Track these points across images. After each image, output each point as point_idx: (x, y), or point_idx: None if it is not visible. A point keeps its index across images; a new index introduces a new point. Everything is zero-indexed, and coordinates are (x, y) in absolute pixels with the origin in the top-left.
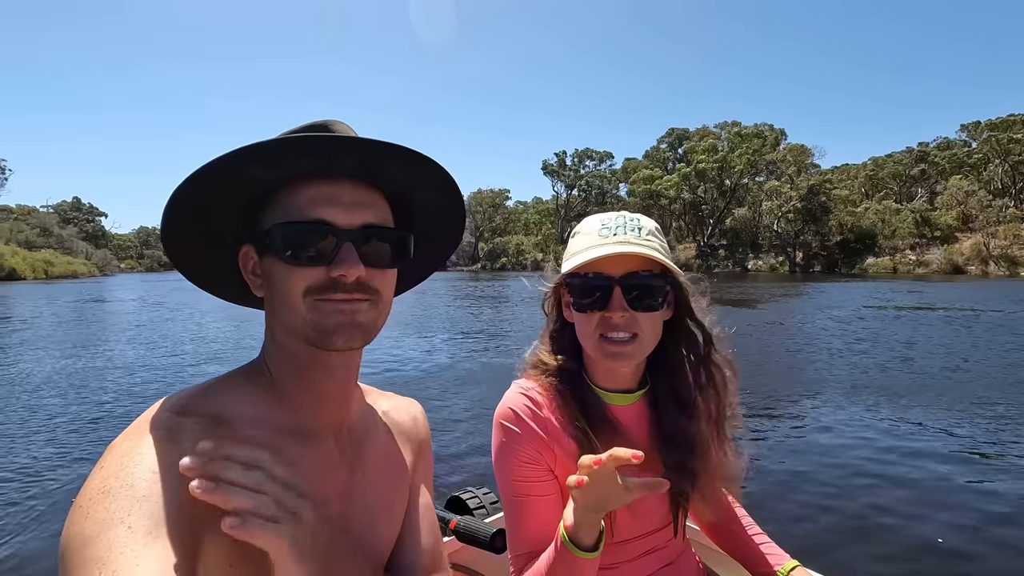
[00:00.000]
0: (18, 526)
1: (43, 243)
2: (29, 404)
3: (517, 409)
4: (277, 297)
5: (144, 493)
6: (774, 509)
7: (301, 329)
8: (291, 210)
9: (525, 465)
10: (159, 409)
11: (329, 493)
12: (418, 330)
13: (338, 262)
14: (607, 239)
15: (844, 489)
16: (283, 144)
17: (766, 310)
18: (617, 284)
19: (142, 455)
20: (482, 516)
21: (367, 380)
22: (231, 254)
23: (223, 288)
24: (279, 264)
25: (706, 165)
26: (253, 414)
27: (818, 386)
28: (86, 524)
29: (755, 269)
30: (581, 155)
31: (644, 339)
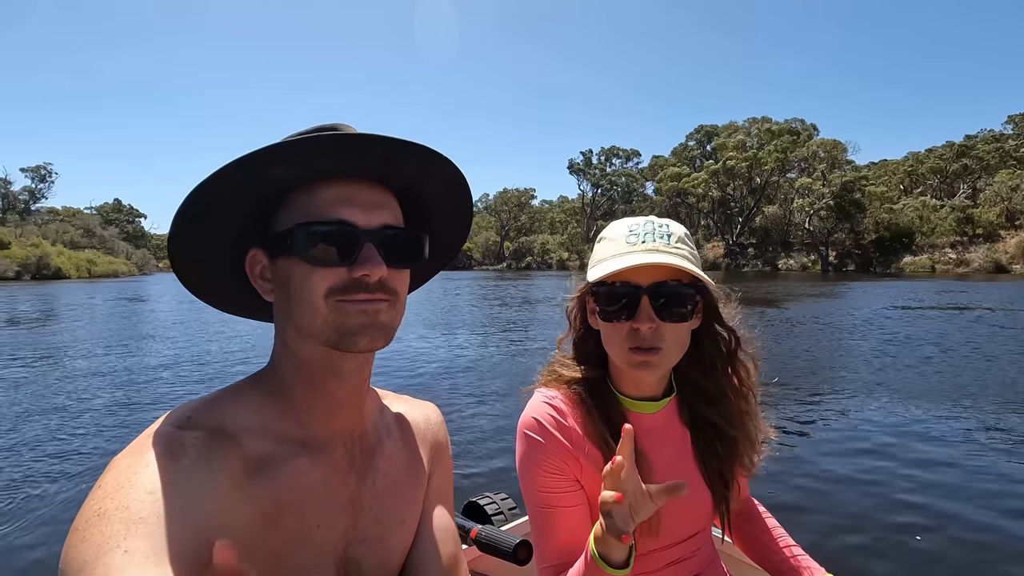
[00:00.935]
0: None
1: (86, 243)
2: (74, 395)
3: (541, 419)
4: (296, 299)
5: (141, 515)
6: (806, 517)
7: (322, 331)
8: (310, 211)
9: (551, 475)
10: (162, 423)
11: (338, 504)
12: (434, 329)
13: (361, 262)
14: (635, 246)
15: (881, 496)
16: (309, 143)
17: (796, 309)
18: (645, 294)
19: (138, 475)
20: (500, 522)
21: (379, 381)
22: (234, 260)
23: (218, 295)
24: (299, 265)
25: (736, 162)
26: (259, 425)
27: (853, 387)
28: (82, 548)
29: (786, 268)
30: (608, 153)
31: (671, 349)
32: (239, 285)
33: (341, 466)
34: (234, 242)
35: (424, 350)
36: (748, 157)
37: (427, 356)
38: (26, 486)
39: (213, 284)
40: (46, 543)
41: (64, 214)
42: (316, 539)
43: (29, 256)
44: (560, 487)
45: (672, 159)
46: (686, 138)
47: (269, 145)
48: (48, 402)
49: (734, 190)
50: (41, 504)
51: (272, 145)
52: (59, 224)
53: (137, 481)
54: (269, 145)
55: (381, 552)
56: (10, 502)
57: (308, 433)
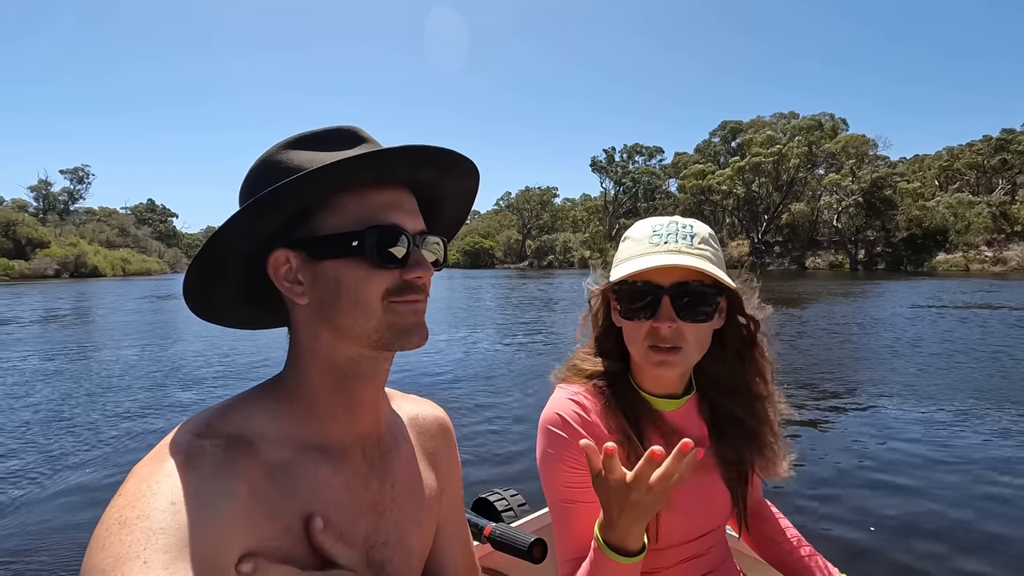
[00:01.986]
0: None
1: (121, 242)
2: (104, 388)
3: (565, 414)
4: (348, 301)
5: (161, 525)
6: (822, 518)
7: (375, 331)
8: (365, 215)
9: (573, 471)
10: (180, 431)
11: (359, 508)
12: (448, 327)
13: (413, 265)
14: (657, 247)
15: (900, 499)
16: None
17: (823, 309)
18: (666, 294)
19: (159, 483)
20: (510, 519)
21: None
22: (247, 267)
23: (226, 314)
24: (358, 267)
25: (761, 158)
26: (279, 432)
27: (882, 390)
28: (102, 556)
29: (813, 267)
30: (630, 151)
31: (691, 349)
32: (244, 298)
33: (361, 470)
34: (257, 249)
35: (438, 348)
36: (774, 153)
37: (441, 353)
38: (52, 482)
39: (223, 301)
40: (73, 547)
41: (100, 214)
42: (340, 546)
43: (68, 255)
44: (582, 482)
45: (696, 156)
46: (710, 134)
47: (330, 163)
48: (82, 393)
49: (759, 187)
50: (64, 504)
51: (337, 162)
52: (96, 224)
53: (158, 490)
54: (330, 163)
55: (403, 554)
56: (35, 498)
57: (328, 438)
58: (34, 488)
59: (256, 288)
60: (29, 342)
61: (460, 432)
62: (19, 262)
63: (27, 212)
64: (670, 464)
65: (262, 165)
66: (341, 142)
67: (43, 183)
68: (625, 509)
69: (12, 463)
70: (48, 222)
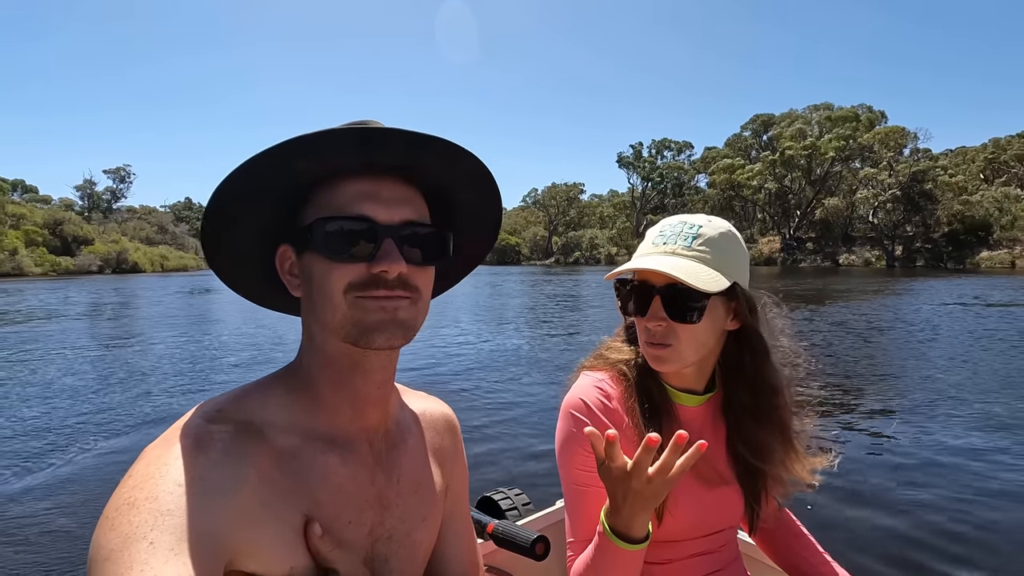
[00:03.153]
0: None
1: (160, 239)
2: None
3: (588, 400)
4: (316, 295)
5: (168, 507)
6: (839, 527)
7: (341, 326)
8: (333, 206)
9: (590, 455)
10: (192, 415)
11: (366, 500)
12: (466, 323)
13: (380, 258)
14: (657, 247)
15: (926, 516)
16: (327, 136)
17: (856, 308)
18: (657, 294)
19: (168, 466)
20: (514, 518)
21: (403, 375)
22: (266, 254)
23: (252, 289)
24: (320, 260)
25: (794, 152)
26: (287, 420)
27: (913, 393)
28: (110, 536)
29: (847, 263)
30: (659, 146)
31: (684, 348)
32: (270, 280)
33: (368, 462)
34: (265, 238)
35: (453, 343)
36: (808, 146)
37: (454, 350)
38: (73, 464)
39: (244, 279)
40: (84, 525)
41: (141, 212)
42: (347, 536)
43: (110, 252)
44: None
45: (726, 150)
46: (741, 128)
47: (289, 139)
48: (126, 374)
49: (792, 181)
50: (79, 482)
51: (292, 139)
52: (137, 222)
53: (167, 473)
54: (289, 139)
55: (409, 548)
56: (54, 478)
57: (335, 429)
58: (83, 454)
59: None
60: (78, 331)
61: (471, 429)
62: (65, 258)
63: (73, 211)
64: (668, 456)
65: None
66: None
67: (88, 183)
68: (628, 497)
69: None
70: (92, 220)
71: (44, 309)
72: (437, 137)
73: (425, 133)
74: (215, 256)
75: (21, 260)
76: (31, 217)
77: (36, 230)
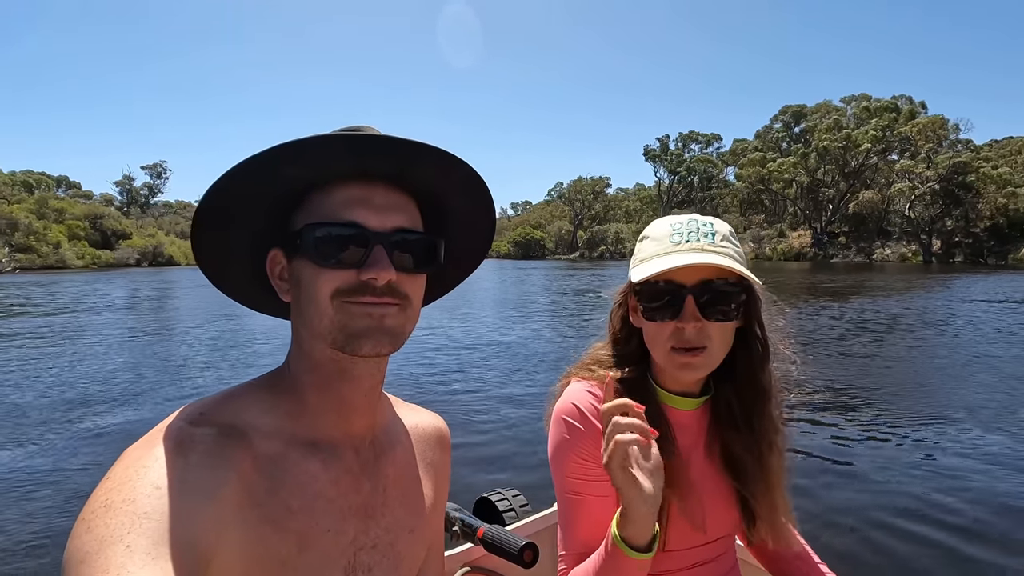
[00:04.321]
0: None
1: None
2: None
3: (581, 405)
4: (305, 300)
5: (146, 510)
6: (848, 540)
7: (328, 332)
8: (323, 212)
9: (584, 462)
10: (175, 417)
11: (349, 508)
12: (473, 320)
13: (369, 265)
14: (679, 245)
15: (934, 525)
16: (317, 142)
17: (889, 305)
18: (690, 293)
19: (147, 468)
20: (511, 519)
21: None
22: (258, 258)
23: (240, 291)
24: (308, 266)
25: (828, 144)
26: (271, 425)
27: (937, 402)
28: (87, 539)
29: (881, 259)
30: (686, 139)
31: (715, 349)
32: (261, 284)
33: (353, 469)
34: (257, 242)
35: (461, 341)
36: (843, 137)
37: (461, 348)
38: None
39: (235, 281)
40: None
41: (176, 207)
42: (325, 543)
43: (147, 245)
44: (592, 474)
45: (756, 143)
46: (771, 120)
47: (279, 144)
48: (165, 357)
49: (824, 174)
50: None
51: (282, 144)
52: (172, 216)
53: (145, 475)
54: (279, 144)
55: (392, 558)
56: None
57: (320, 435)
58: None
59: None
60: (119, 320)
61: (474, 426)
62: (105, 252)
63: (113, 206)
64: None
65: None
66: None
67: (127, 178)
68: (638, 497)
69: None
70: (130, 215)
71: (89, 300)
72: (431, 146)
73: (418, 141)
74: (204, 256)
75: (64, 253)
76: (72, 211)
77: (78, 224)
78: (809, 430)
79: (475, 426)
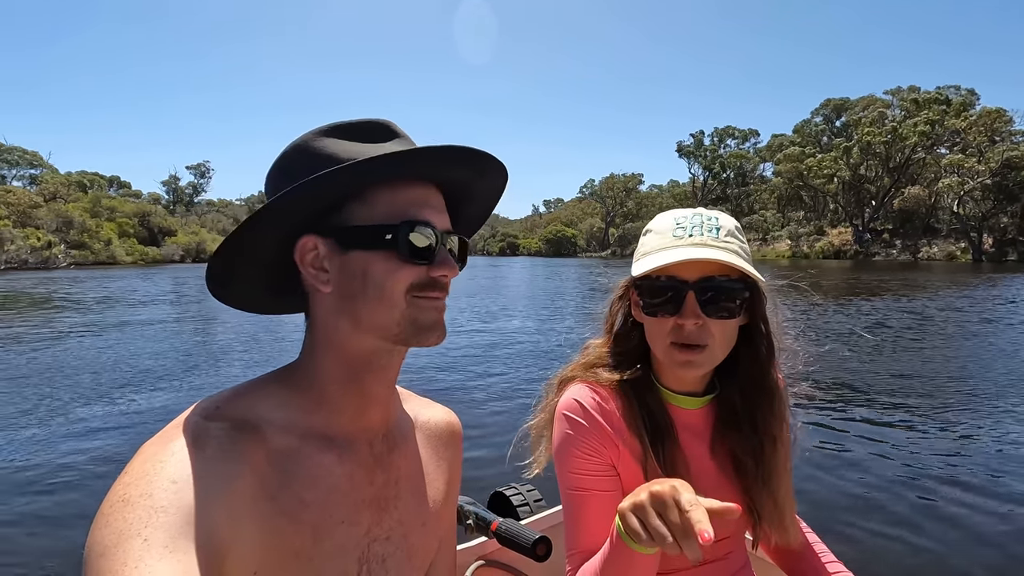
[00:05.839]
0: None
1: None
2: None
3: (583, 401)
4: (373, 293)
5: (163, 504)
6: (863, 538)
7: (396, 325)
8: (394, 210)
9: (588, 458)
10: (191, 412)
11: (362, 500)
12: (495, 314)
13: (440, 263)
14: (682, 240)
15: (960, 530)
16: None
17: (937, 303)
18: (691, 289)
19: (164, 463)
20: (526, 514)
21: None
22: (282, 249)
23: (246, 293)
24: (383, 259)
25: (872, 138)
26: (286, 419)
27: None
28: (105, 533)
29: (927, 257)
30: (721, 134)
31: (716, 347)
32: (268, 279)
33: (367, 463)
34: (290, 232)
35: (484, 336)
36: (888, 131)
37: (485, 343)
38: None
39: (243, 278)
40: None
41: (219, 205)
42: (339, 535)
43: (191, 242)
44: (596, 470)
45: (795, 137)
46: (811, 114)
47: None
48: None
49: (867, 169)
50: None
51: (417, 148)
52: (215, 214)
53: (162, 469)
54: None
55: (406, 550)
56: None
57: (336, 429)
58: None
59: (274, 273)
60: (166, 312)
61: (490, 419)
62: (152, 248)
63: (160, 204)
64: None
65: (297, 151)
66: (374, 134)
67: (173, 178)
68: None
69: None
70: (176, 213)
71: (138, 293)
72: (497, 159)
73: (489, 154)
74: (231, 251)
75: (115, 249)
76: (122, 209)
77: (128, 222)
78: (842, 425)
79: (491, 421)
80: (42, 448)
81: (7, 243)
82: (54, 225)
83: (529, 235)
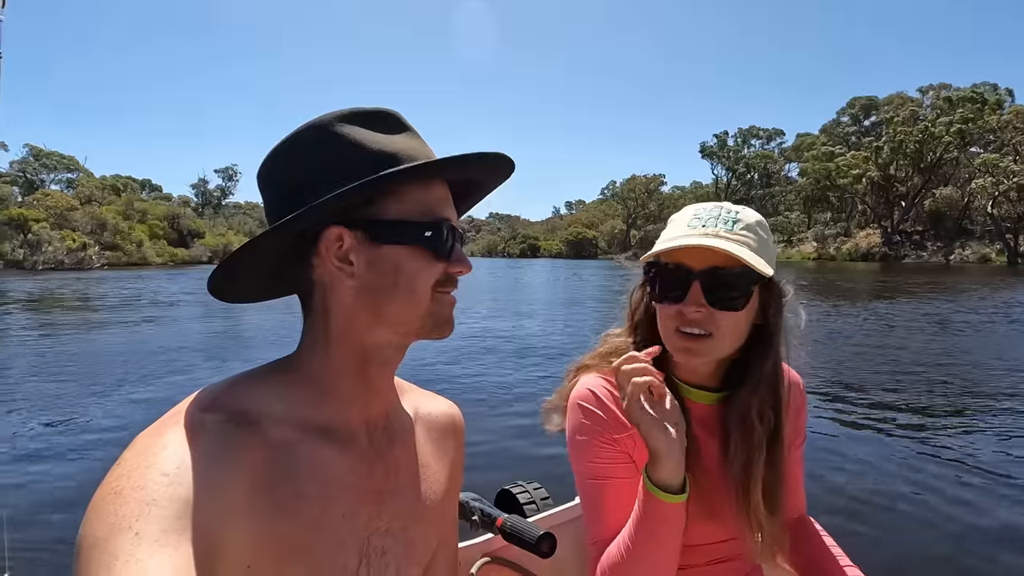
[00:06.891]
0: None
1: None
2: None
3: (597, 391)
4: (403, 287)
5: (155, 497)
6: (882, 538)
7: (419, 319)
8: (423, 207)
9: (604, 446)
10: (189, 403)
11: (362, 493)
12: (498, 313)
13: (458, 259)
14: (695, 230)
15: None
16: (477, 156)
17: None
18: (696, 278)
19: (157, 455)
20: (532, 512)
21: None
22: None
23: (251, 286)
24: (418, 256)
25: (904, 137)
26: (285, 411)
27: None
28: (97, 524)
29: (960, 260)
30: (745, 134)
31: (720, 338)
32: (273, 270)
33: (367, 455)
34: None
35: (495, 334)
36: (920, 130)
37: (496, 340)
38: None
39: (252, 270)
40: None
41: (246, 208)
42: (339, 528)
43: (218, 244)
44: (613, 458)
45: (822, 137)
46: (837, 114)
47: (467, 154)
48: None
49: (897, 169)
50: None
51: (473, 153)
52: (241, 217)
53: (155, 462)
54: (467, 154)
55: (405, 543)
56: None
57: (336, 420)
58: None
59: (277, 264)
60: (194, 310)
61: (495, 418)
62: (181, 250)
63: (189, 207)
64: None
65: (320, 135)
66: (388, 124)
67: (202, 181)
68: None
69: None
70: (204, 215)
71: (166, 292)
72: (513, 164)
73: (508, 156)
74: (255, 248)
75: (146, 251)
76: (154, 212)
77: (159, 224)
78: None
79: (499, 417)
80: (70, 432)
81: (45, 245)
82: (89, 227)
83: (550, 237)
